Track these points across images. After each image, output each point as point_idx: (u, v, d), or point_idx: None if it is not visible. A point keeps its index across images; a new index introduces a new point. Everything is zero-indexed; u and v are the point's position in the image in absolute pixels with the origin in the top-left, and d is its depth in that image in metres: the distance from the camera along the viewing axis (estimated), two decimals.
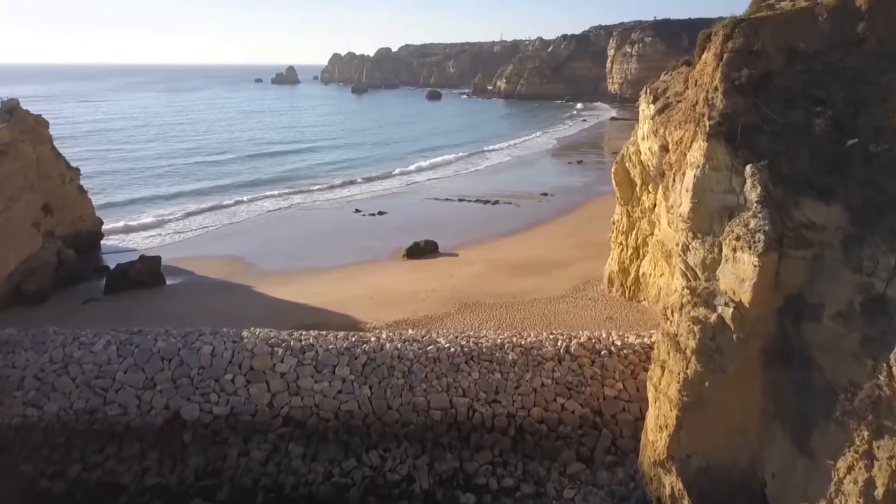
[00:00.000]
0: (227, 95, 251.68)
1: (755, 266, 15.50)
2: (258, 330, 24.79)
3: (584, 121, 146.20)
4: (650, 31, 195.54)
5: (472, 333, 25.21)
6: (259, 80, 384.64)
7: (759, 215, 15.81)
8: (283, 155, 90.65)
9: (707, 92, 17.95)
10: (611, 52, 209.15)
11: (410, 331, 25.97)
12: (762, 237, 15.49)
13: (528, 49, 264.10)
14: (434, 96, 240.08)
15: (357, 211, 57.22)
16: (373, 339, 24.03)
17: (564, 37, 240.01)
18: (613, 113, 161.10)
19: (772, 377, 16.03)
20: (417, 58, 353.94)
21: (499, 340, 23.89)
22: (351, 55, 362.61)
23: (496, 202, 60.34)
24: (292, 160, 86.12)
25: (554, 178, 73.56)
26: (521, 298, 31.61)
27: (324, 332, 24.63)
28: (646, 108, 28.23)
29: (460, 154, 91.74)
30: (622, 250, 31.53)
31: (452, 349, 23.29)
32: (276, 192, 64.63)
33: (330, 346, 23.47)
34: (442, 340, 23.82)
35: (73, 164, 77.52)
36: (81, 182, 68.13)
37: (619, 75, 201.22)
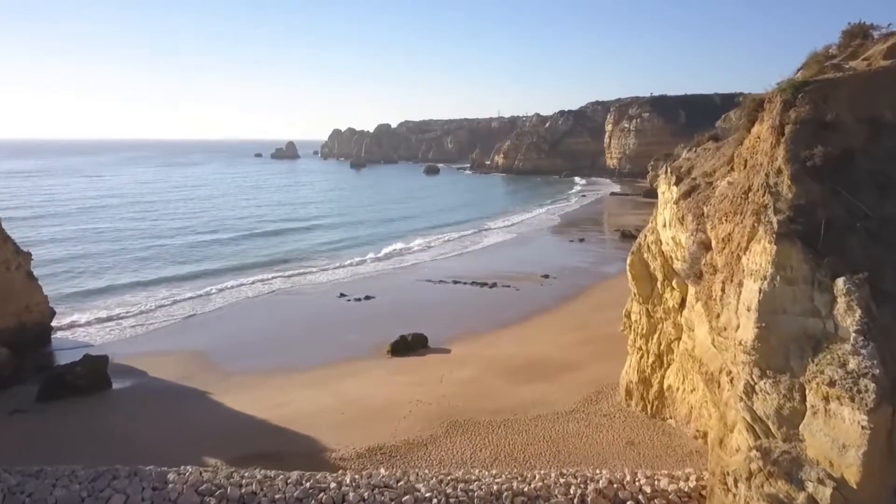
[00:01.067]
0: (225, 170, 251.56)
1: (863, 427, 10.60)
2: (189, 470, 19.54)
3: (584, 196, 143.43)
4: (647, 106, 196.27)
5: (460, 475, 19.89)
6: (259, 155, 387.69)
7: (863, 351, 11.04)
8: (275, 235, 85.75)
9: (767, 175, 13.50)
10: (608, 127, 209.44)
11: (383, 470, 20.68)
12: (871, 385, 10.67)
13: (526, 125, 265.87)
14: (432, 171, 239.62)
15: (342, 295, 52.42)
16: (333, 484, 18.74)
17: (562, 112, 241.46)
18: (613, 188, 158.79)
19: None
20: (416, 133, 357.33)
21: (495, 487, 18.60)
22: (351, 131, 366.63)
23: (494, 285, 55.66)
24: (283, 240, 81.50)
25: (555, 258, 69.10)
26: (523, 415, 26.36)
27: (272, 474, 19.35)
28: (667, 191, 23.89)
29: (457, 232, 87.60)
30: (642, 356, 26.52)
31: (435, 500, 18.00)
32: (259, 277, 59.70)
33: (277, 496, 18.17)
34: (422, 488, 18.51)
35: (56, 245, 72.84)
36: (57, 266, 63.66)
37: (618, 150, 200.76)
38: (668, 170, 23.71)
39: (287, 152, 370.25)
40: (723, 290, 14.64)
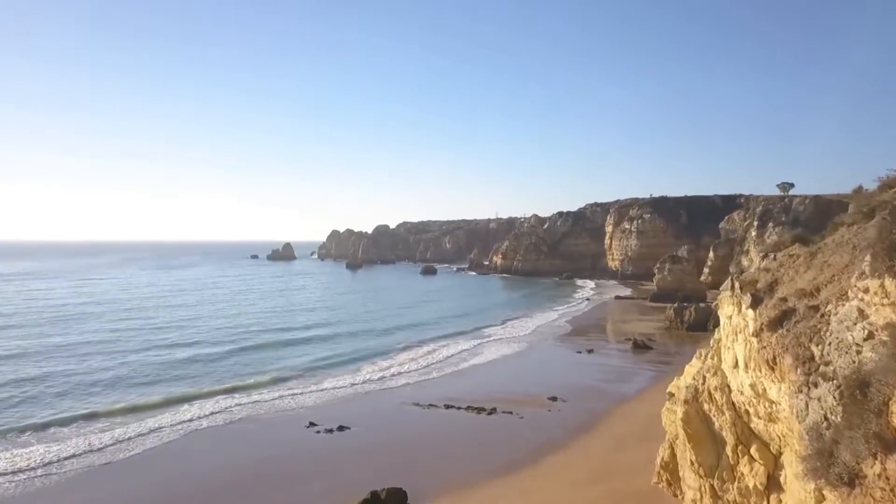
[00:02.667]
0: (218, 273, 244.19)
1: None
2: None
3: (588, 300, 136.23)
4: (648, 207, 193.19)
5: None
6: (255, 257, 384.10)
7: None
8: (257, 349, 75.84)
9: None
10: (609, 228, 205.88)
11: None
12: None
13: (524, 225, 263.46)
14: (429, 271, 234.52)
15: (311, 425, 43.96)
16: None
17: (560, 213, 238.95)
18: (617, 291, 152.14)
19: None
20: (414, 234, 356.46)
21: None
22: (349, 232, 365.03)
23: (493, 411, 47.34)
24: (263, 356, 71.65)
25: (562, 374, 60.98)
26: None
27: None
28: (736, 315, 16.67)
29: (454, 342, 79.20)
30: None
31: None
32: (224, 402, 50.67)
33: None
34: None
35: (11, 364, 63.12)
36: (5, 391, 54.78)
37: (620, 252, 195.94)
38: (739, 285, 16.55)
39: (283, 253, 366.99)
40: None
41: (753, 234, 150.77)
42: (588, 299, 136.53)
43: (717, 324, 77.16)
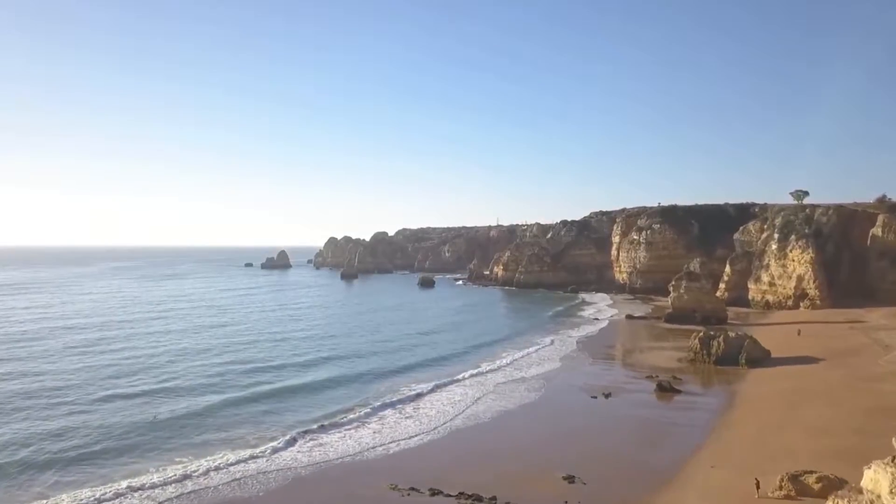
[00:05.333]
0: (207, 285, 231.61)
1: None
2: None
3: (596, 319, 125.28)
4: (657, 217, 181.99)
5: None
6: (249, 265, 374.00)
7: None
8: (212, 409, 57.91)
9: None
10: (616, 238, 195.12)
11: None
12: None
13: (526, 234, 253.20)
14: (426, 283, 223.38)
15: None
16: None
17: (564, 222, 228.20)
18: (626, 308, 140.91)
19: None
20: (413, 242, 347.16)
21: None
22: (347, 239, 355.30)
23: (492, 501, 36.46)
24: (220, 413, 56.87)
25: (578, 434, 50.10)
26: None
27: None
28: None
29: (447, 391, 65.69)
30: None
31: None
32: (149, 479, 39.77)
33: None
34: None
35: None
36: None
37: (627, 264, 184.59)
38: None
39: (278, 262, 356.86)
40: None
41: (774, 246, 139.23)
42: (598, 319, 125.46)
43: (747, 359, 62.49)
